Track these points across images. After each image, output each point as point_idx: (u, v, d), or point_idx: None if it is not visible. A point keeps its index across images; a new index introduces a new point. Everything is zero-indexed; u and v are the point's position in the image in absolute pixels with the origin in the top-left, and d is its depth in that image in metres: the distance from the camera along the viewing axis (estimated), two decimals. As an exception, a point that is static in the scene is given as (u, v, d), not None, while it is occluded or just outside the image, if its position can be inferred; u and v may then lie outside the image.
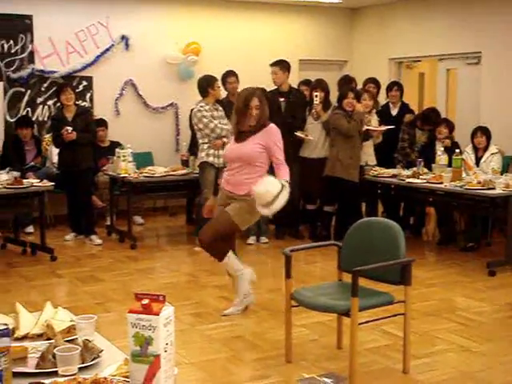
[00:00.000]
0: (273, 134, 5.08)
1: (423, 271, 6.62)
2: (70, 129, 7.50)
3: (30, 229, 8.38)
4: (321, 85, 8.01)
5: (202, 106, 7.46)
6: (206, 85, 7.45)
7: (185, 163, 8.33)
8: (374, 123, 7.98)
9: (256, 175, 4.99)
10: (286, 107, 7.96)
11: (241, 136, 5.11)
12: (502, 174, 7.08)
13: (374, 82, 8.73)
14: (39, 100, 9.07)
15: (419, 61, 11.22)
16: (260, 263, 6.84)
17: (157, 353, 1.80)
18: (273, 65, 8.12)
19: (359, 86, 8.66)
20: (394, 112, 8.69)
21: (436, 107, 8.77)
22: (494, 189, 6.61)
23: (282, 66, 8.06)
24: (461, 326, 5.12)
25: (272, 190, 4.78)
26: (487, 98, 9.24)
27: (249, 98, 5.04)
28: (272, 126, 5.11)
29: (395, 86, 8.79)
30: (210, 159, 7.45)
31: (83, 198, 7.94)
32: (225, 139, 7.38)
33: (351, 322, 3.91)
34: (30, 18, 8.90)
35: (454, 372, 4.24)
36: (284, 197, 4.83)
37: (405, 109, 8.70)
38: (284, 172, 5.02)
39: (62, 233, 8.17)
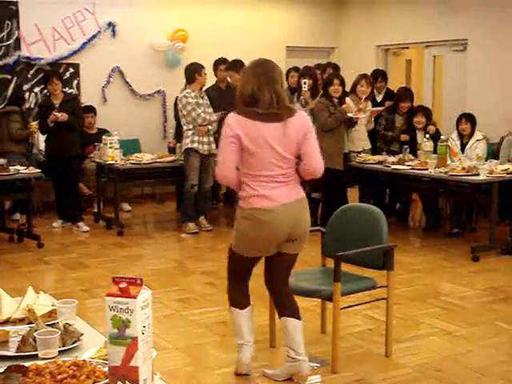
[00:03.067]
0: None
1: (408, 257, 6.67)
2: (53, 117, 7.50)
3: (17, 216, 8.38)
4: (309, 72, 8.04)
5: (187, 93, 7.49)
6: (193, 71, 7.47)
7: (172, 150, 8.34)
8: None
9: None
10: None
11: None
12: (486, 161, 7.12)
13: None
14: (26, 87, 9.03)
15: (406, 48, 11.25)
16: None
17: (134, 335, 1.83)
18: (228, 69, 8.16)
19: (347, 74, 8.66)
20: (379, 98, 8.73)
21: (410, 88, 8.74)
22: (478, 175, 6.66)
23: (236, 67, 8.09)
24: (444, 310, 5.18)
25: None
26: (473, 84, 9.28)
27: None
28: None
29: (379, 77, 8.82)
30: (195, 146, 7.49)
31: (70, 185, 7.94)
32: (209, 126, 7.41)
33: (333, 307, 3.96)
34: (15, 4, 8.85)
35: (436, 355, 4.30)
36: None
37: (389, 95, 8.74)
38: None
39: (49, 220, 8.17)
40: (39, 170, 7.30)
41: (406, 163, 7.39)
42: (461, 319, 4.97)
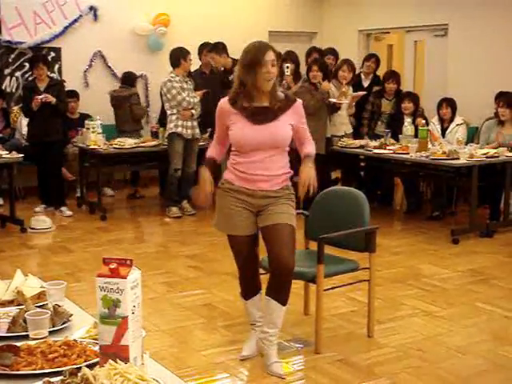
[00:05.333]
0: (302, 113, 4.05)
1: (390, 240, 6.76)
2: (40, 97, 7.49)
3: (0, 201, 8.36)
4: (291, 56, 8.07)
5: (172, 77, 7.50)
6: (179, 55, 7.48)
7: (154, 135, 8.34)
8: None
9: (287, 162, 3.91)
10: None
11: (259, 114, 3.72)
12: (466, 145, 7.20)
13: (332, 53, 8.77)
14: (7, 71, 8.99)
15: (388, 33, 11.29)
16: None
17: (124, 315, 1.87)
18: (209, 51, 8.20)
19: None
20: (366, 84, 8.76)
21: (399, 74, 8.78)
22: (458, 159, 6.74)
23: (218, 50, 8.10)
24: (425, 292, 5.27)
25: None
26: (453, 69, 9.36)
27: (263, 51, 3.64)
28: (300, 102, 4.01)
29: (373, 58, 8.85)
30: (179, 130, 7.50)
31: (53, 170, 7.93)
32: (193, 111, 7.43)
33: (317, 288, 4.02)
34: (-5, -13, 8.80)
35: (417, 335, 4.38)
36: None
37: (376, 81, 8.77)
38: (313, 145, 4.16)
39: (32, 205, 8.16)
40: (21, 155, 7.27)
41: (388, 147, 7.46)
42: (441, 300, 5.06)
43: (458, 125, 7.76)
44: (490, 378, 3.78)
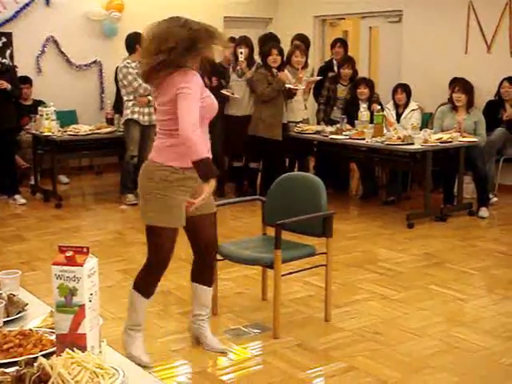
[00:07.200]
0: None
1: (346, 225, 6.82)
2: None
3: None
4: (245, 41, 8.04)
5: (128, 63, 7.42)
6: (134, 41, 7.39)
7: (110, 121, 8.25)
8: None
9: None
10: None
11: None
12: (420, 130, 7.29)
13: (300, 38, 8.74)
14: (-44, 57, 8.78)
15: (343, 19, 11.34)
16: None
17: (81, 303, 1.85)
18: None
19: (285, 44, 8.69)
20: (336, 68, 8.74)
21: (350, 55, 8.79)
22: (413, 144, 6.82)
23: None
24: (381, 276, 5.34)
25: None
26: (408, 55, 9.45)
27: None
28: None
29: (338, 43, 8.85)
30: (135, 116, 7.44)
31: (6, 158, 7.80)
32: (149, 97, 7.36)
33: (274, 274, 4.04)
34: None
35: (374, 319, 4.44)
36: None
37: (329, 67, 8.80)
38: None
39: (-15, 193, 8.02)
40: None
41: (344, 133, 7.50)
42: (397, 284, 5.13)
43: (412, 110, 7.84)
44: (444, 359, 3.85)
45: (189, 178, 3.54)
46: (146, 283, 3.74)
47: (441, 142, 6.94)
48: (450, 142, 7.00)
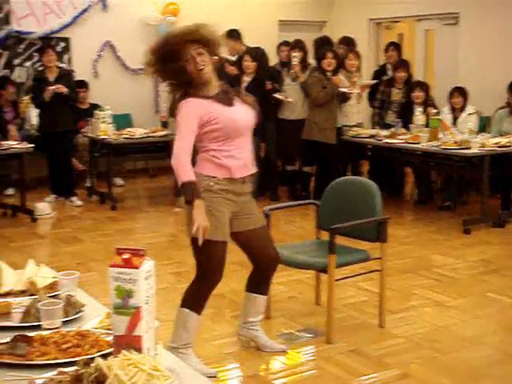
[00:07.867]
0: None
1: (401, 230, 6.74)
2: (52, 87, 7.49)
3: (11, 191, 8.38)
4: (299, 45, 8.03)
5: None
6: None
7: (164, 125, 8.33)
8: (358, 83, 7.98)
9: None
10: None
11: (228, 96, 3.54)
12: (478, 134, 7.16)
13: (346, 41, 8.67)
14: (16, 61, 8.99)
15: (398, 21, 11.23)
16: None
17: (138, 305, 1.86)
18: (226, 38, 8.04)
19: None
20: (391, 73, 8.66)
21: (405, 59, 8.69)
22: (469, 149, 6.70)
23: (233, 36, 8.05)
24: (436, 282, 5.25)
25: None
26: (465, 58, 9.30)
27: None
28: None
29: (391, 47, 8.78)
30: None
31: (63, 160, 7.96)
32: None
33: (328, 278, 4.01)
34: (5, -22, 8.79)
35: (429, 326, 4.37)
36: None
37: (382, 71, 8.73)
38: None
39: (43, 195, 8.17)
40: (32, 145, 7.29)
41: (399, 137, 7.42)
42: (453, 290, 5.04)
43: (469, 114, 7.70)
44: (502, 369, 3.76)
45: (225, 190, 3.50)
46: (196, 298, 3.68)
47: (499, 147, 6.80)
48: (509, 146, 6.85)
